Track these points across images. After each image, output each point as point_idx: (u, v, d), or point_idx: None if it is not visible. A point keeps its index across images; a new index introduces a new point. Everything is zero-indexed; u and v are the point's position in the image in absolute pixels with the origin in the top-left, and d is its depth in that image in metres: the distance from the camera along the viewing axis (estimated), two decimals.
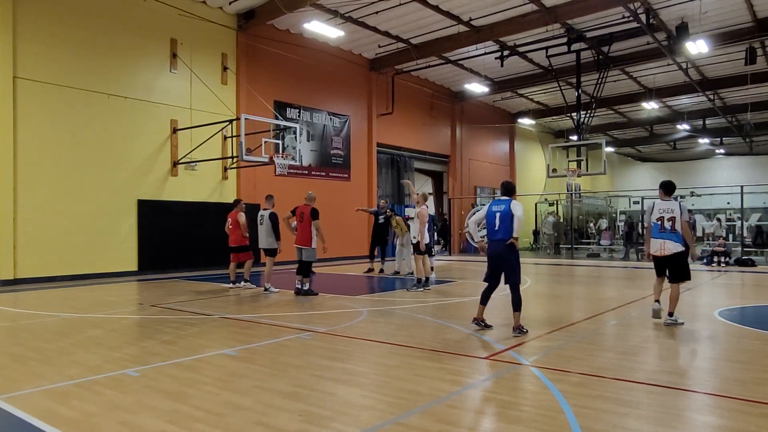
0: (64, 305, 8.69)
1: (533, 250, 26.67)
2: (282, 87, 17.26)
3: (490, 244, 6.41)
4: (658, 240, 6.79)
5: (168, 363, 5.03)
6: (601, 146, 18.99)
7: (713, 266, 15.57)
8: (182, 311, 8.08)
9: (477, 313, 6.58)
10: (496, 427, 3.48)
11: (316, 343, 5.85)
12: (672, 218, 6.71)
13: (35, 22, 12.09)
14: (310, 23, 15.13)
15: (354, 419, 3.58)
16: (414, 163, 23.46)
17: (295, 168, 15.99)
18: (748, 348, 5.67)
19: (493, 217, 6.34)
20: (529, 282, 12.10)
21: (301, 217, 9.68)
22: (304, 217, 9.63)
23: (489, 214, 6.42)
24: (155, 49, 14.24)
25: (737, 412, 3.70)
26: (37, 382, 4.48)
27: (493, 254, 6.38)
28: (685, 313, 8.00)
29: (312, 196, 9.98)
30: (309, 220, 9.58)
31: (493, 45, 18.82)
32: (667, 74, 22.10)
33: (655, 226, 6.83)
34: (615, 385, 4.30)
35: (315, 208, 9.68)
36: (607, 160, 20.72)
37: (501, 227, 6.24)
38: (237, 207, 10.98)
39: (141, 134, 13.88)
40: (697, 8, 15.20)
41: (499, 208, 6.33)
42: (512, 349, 5.51)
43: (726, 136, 31.16)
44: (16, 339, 6.20)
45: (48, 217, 12.22)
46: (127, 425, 3.49)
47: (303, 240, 9.65)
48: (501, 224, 6.24)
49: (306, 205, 9.77)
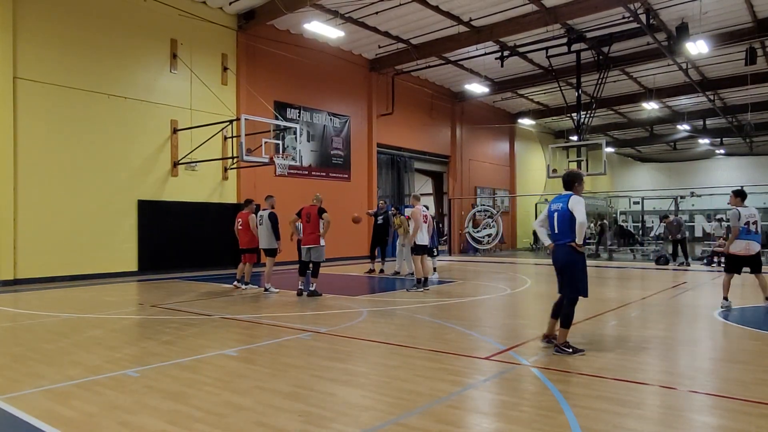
0: (65, 305, 8.69)
1: (533, 251, 26.69)
2: (282, 87, 17.27)
3: (554, 249, 5.59)
4: (744, 241, 7.81)
5: (168, 363, 5.03)
6: (601, 146, 18.99)
7: (713, 266, 15.56)
8: (182, 311, 8.08)
9: (547, 328, 5.70)
10: (496, 427, 3.48)
11: (316, 344, 5.86)
12: (755, 222, 7.87)
13: (35, 22, 12.10)
14: (310, 23, 15.13)
15: (354, 419, 3.59)
16: (414, 164, 23.47)
17: (295, 168, 15.99)
18: (748, 348, 5.67)
19: (552, 217, 5.55)
20: (529, 282, 12.10)
21: (307, 217, 9.70)
22: (311, 217, 9.65)
23: (549, 213, 5.63)
24: (155, 50, 14.24)
25: (737, 413, 3.70)
26: (38, 382, 4.48)
27: (554, 260, 5.59)
28: (685, 314, 8.02)
29: (319, 198, 10.04)
30: (316, 220, 9.60)
31: (493, 45, 18.82)
32: (667, 74, 22.11)
33: (743, 230, 7.80)
34: (615, 385, 4.30)
35: (321, 207, 9.73)
36: (607, 160, 20.72)
37: (560, 229, 5.43)
38: (248, 207, 10.95)
39: (141, 134, 13.88)
40: (697, 8, 15.21)
41: (557, 206, 5.49)
42: (512, 350, 5.51)
43: (726, 137, 31.17)
44: (16, 339, 6.20)
45: (48, 218, 12.22)
46: (127, 425, 3.49)
47: (311, 240, 9.66)
48: (560, 225, 5.43)
49: (312, 206, 9.81)
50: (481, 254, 23.24)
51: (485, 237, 23.13)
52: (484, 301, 9.31)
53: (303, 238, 9.79)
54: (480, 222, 23.57)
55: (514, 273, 14.62)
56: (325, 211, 9.66)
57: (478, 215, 23.79)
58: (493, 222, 23.05)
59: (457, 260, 20.07)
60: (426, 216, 11.04)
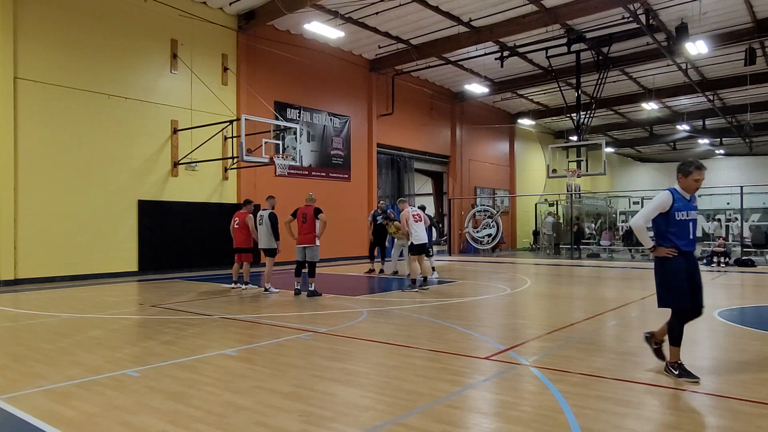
0: (65, 305, 8.69)
1: (533, 251, 26.68)
2: (282, 87, 17.27)
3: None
4: None
5: (168, 363, 5.03)
6: (601, 147, 19.01)
7: (713, 266, 15.58)
8: (182, 311, 8.08)
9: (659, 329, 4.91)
10: (496, 427, 3.48)
11: (316, 344, 5.86)
12: None
13: (36, 22, 12.10)
14: (310, 24, 15.14)
15: (354, 419, 3.59)
16: (414, 164, 23.47)
17: (295, 168, 16.00)
18: (748, 348, 5.68)
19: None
20: (529, 282, 12.11)
21: (303, 217, 9.76)
22: (307, 217, 9.71)
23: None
24: (156, 50, 14.25)
25: (737, 412, 3.71)
26: (38, 382, 4.48)
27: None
28: None
29: (312, 197, 10.13)
30: (313, 220, 9.66)
31: (493, 45, 18.83)
32: (667, 75, 22.12)
33: None
34: (615, 385, 4.30)
35: (318, 207, 9.80)
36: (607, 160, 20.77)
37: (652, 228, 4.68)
38: (246, 207, 10.99)
39: (141, 135, 13.89)
40: (697, 9, 15.22)
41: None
42: (512, 350, 5.51)
43: (726, 137, 31.19)
44: (16, 339, 6.20)
45: (48, 218, 12.23)
46: (127, 425, 3.49)
47: (307, 239, 9.72)
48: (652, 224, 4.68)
49: (307, 206, 9.86)
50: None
51: (485, 237, 23.14)
52: (483, 301, 9.31)
53: (299, 238, 9.84)
54: (480, 222, 23.59)
55: (514, 273, 14.62)
56: (321, 211, 9.72)
57: (477, 215, 23.80)
58: (492, 222, 23.06)
59: (457, 260, 20.07)
60: (419, 215, 10.99)
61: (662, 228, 4.56)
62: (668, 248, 4.49)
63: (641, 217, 4.57)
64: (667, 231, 4.53)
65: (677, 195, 4.55)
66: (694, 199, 4.63)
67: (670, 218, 4.51)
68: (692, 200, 4.62)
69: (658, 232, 4.59)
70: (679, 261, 4.50)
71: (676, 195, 4.54)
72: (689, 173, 4.54)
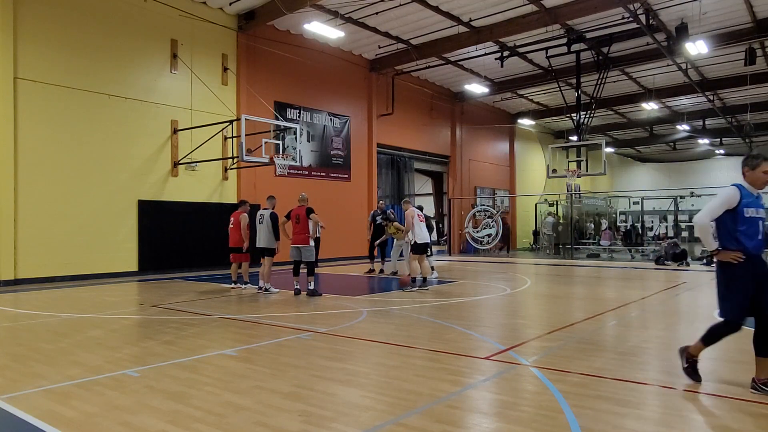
0: (65, 305, 8.69)
1: (533, 251, 26.68)
2: (282, 88, 17.27)
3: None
4: None
5: (168, 363, 5.03)
6: (601, 147, 19.00)
7: (713, 266, 15.57)
8: (182, 311, 8.08)
9: (756, 370, 4.31)
10: (496, 427, 3.48)
11: (316, 344, 5.86)
12: None
13: (36, 22, 12.09)
14: (310, 24, 15.14)
15: (354, 419, 3.59)
16: (414, 164, 23.47)
17: (295, 168, 16.00)
18: (748, 348, 5.65)
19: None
20: (529, 282, 12.11)
21: (297, 219, 9.89)
22: (301, 218, 9.85)
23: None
24: (156, 50, 14.24)
25: (737, 412, 3.71)
26: (38, 382, 4.48)
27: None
28: (685, 314, 8.03)
29: (305, 197, 10.26)
30: (305, 221, 9.82)
31: (493, 45, 18.83)
32: (667, 75, 22.11)
33: None
34: (615, 385, 4.30)
35: (309, 207, 9.94)
36: (607, 160, 20.76)
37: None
38: (241, 207, 11.07)
39: (141, 135, 13.88)
40: (697, 9, 15.21)
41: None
42: (512, 350, 5.51)
43: (726, 137, 31.18)
44: (16, 339, 6.20)
45: (49, 218, 12.22)
46: (127, 425, 3.49)
47: (301, 240, 9.86)
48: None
49: (300, 206, 9.99)
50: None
51: (485, 237, 23.15)
52: (483, 301, 9.31)
53: (293, 238, 9.97)
54: (480, 222, 23.59)
55: (514, 273, 14.62)
56: (312, 211, 9.85)
57: (477, 215, 23.81)
58: (492, 222, 23.06)
59: (457, 260, 20.07)
60: (421, 215, 11.12)
61: (729, 227, 4.14)
62: (735, 253, 4.11)
63: (706, 214, 4.15)
64: (735, 230, 4.11)
65: (744, 191, 4.13)
66: (761, 197, 4.24)
67: (738, 215, 4.09)
68: (759, 197, 4.21)
69: (724, 231, 4.19)
70: (746, 266, 4.09)
71: (743, 191, 4.13)
72: (757, 165, 4.11)
